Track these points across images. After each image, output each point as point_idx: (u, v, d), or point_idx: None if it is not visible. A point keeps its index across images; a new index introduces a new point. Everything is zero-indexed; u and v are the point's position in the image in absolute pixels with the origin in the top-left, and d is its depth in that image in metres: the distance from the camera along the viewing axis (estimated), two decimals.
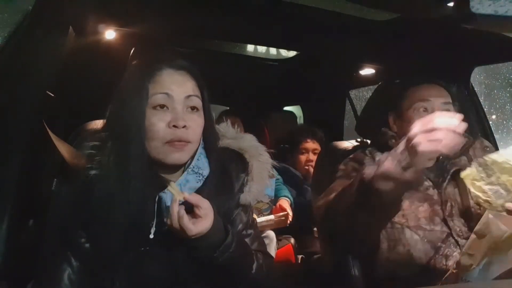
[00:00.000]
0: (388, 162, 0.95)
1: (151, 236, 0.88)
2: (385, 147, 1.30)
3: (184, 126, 0.88)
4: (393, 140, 1.32)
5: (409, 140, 0.91)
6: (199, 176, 0.95)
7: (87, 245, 0.90)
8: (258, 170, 1.05)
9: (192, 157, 0.95)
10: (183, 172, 0.94)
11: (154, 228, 0.88)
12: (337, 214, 1.14)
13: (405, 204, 1.24)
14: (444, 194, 1.26)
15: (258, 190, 1.04)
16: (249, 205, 1.05)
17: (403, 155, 0.93)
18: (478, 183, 1.00)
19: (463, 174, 1.04)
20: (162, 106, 0.89)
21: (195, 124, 0.91)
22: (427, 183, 1.28)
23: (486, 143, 1.39)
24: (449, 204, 1.25)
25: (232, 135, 1.10)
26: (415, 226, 1.21)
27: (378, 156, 1.32)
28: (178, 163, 0.91)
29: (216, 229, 0.86)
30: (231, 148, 1.07)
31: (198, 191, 0.93)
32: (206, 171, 0.96)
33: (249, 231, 1.04)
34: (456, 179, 1.29)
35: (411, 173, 0.92)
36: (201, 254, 0.87)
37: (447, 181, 1.28)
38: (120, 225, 0.86)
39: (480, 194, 1.01)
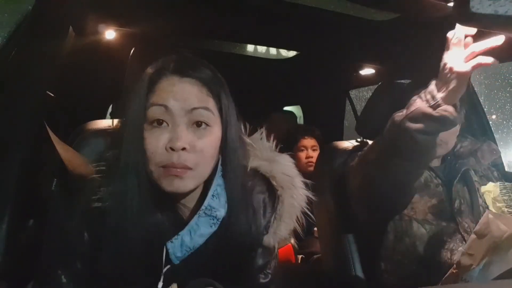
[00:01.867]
0: (417, 102, 0.98)
1: None
2: None
3: (184, 149, 0.72)
4: None
5: (445, 65, 0.93)
6: (213, 219, 0.79)
7: (86, 275, 0.80)
8: (288, 208, 0.88)
9: (207, 186, 0.80)
10: (195, 209, 0.81)
11: (162, 282, 0.77)
12: (370, 163, 1.16)
13: (415, 197, 1.27)
14: (453, 192, 1.29)
15: (284, 232, 0.88)
16: (273, 248, 0.90)
17: (432, 93, 0.96)
18: (499, 204, 1.04)
19: (484, 188, 1.08)
20: (161, 122, 0.74)
21: (202, 144, 0.75)
22: (437, 180, 1.31)
23: (494, 146, 1.42)
24: (457, 201, 1.28)
25: (266, 155, 0.91)
26: (423, 220, 1.25)
27: None
28: (178, 192, 0.76)
29: None
30: (261, 172, 0.89)
31: (212, 236, 0.80)
32: (221, 212, 0.80)
33: (268, 275, 0.91)
34: (465, 178, 1.33)
35: (440, 111, 0.94)
36: None
37: (457, 179, 1.31)
38: (124, 266, 0.77)
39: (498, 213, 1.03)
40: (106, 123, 1.17)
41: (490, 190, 1.07)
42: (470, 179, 1.33)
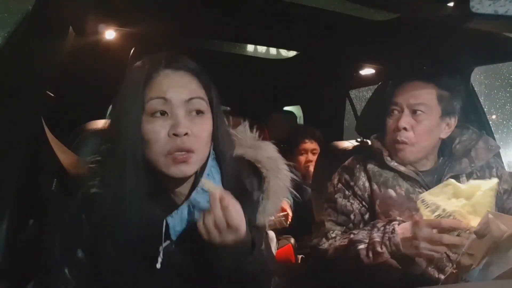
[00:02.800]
0: (378, 251, 1.10)
1: (158, 265, 0.82)
2: (374, 158, 1.32)
3: (186, 134, 0.80)
4: (378, 154, 1.30)
5: (413, 239, 1.03)
6: (209, 196, 0.84)
7: (87, 264, 0.84)
8: (274, 188, 0.95)
9: (202, 171, 0.86)
10: (191, 188, 0.87)
11: (161, 258, 0.83)
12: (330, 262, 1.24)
13: (395, 214, 1.23)
14: None
15: (272, 210, 0.95)
16: (263, 226, 0.97)
17: (393, 246, 1.08)
18: (429, 218, 1.06)
19: (417, 202, 1.09)
20: (162, 113, 0.81)
21: (199, 130, 0.82)
22: (421, 190, 1.24)
23: (491, 141, 1.32)
24: None
25: (250, 143, 0.99)
26: None
27: (368, 166, 1.31)
28: (183, 177, 0.83)
29: (246, 238, 0.80)
30: (246, 158, 0.97)
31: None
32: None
33: (262, 251, 0.96)
34: None
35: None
36: (226, 265, 0.81)
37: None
38: (123, 248, 0.81)
39: None
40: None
41: (420, 206, 1.09)
42: None
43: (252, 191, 0.93)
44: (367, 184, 1.31)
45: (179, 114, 0.81)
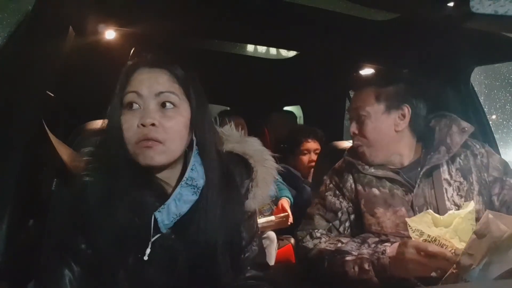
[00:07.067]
0: (364, 268, 1.11)
1: (146, 258, 0.87)
2: (354, 167, 1.34)
3: (153, 124, 0.85)
4: (355, 166, 1.33)
5: (400, 259, 1.05)
6: (194, 188, 0.91)
7: (87, 251, 0.88)
8: (262, 175, 1.02)
9: (186, 167, 0.92)
10: (176, 184, 0.92)
11: (149, 249, 0.87)
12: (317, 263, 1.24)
13: (379, 211, 1.23)
14: (417, 198, 1.21)
15: (263, 196, 1.02)
16: (254, 212, 1.03)
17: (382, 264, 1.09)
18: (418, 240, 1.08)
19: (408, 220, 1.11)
20: (135, 105, 0.88)
21: (168, 122, 0.87)
22: (403, 188, 1.24)
23: (464, 123, 1.28)
24: (424, 209, 1.19)
25: (236, 138, 1.07)
26: (394, 233, 1.19)
27: (353, 170, 1.33)
28: (152, 164, 0.87)
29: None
30: (235, 152, 1.04)
31: (196, 203, 0.91)
32: (201, 182, 0.92)
33: (254, 247, 1.03)
34: (432, 177, 1.23)
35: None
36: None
37: (418, 182, 1.22)
38: (115, 233, 0.85)
39: None
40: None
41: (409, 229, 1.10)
42: (438, 180, 1.22)
43: (242, 181, 1.00)
44: (353, 186, 1.33)
45: (149, 106, 0.87)
